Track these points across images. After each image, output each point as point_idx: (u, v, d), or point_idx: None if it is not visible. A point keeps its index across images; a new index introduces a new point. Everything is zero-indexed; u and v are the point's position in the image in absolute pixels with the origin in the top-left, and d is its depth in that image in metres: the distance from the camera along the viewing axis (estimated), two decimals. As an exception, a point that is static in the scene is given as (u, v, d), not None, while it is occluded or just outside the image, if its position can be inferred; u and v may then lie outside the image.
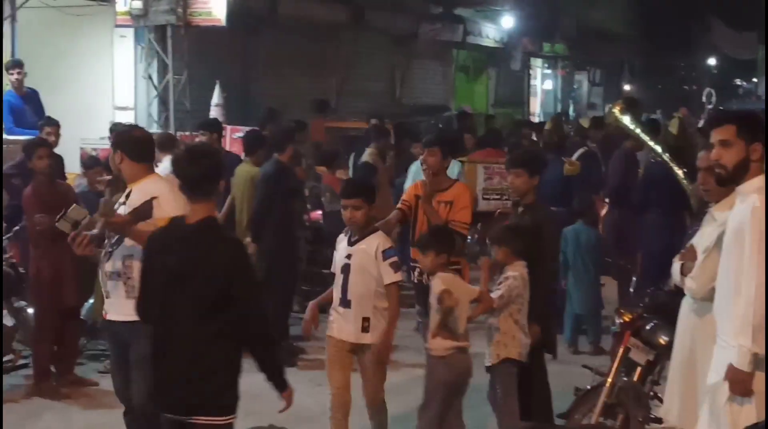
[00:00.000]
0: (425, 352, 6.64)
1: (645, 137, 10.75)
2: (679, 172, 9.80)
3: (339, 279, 6.42)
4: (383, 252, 6.28)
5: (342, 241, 6.52)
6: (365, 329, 6.31)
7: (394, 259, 6.34)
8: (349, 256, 6.36)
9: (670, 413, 5.69)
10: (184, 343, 4.79)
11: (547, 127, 17.17)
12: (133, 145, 6.16)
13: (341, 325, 6.41)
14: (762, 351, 4.59)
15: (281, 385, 5.04)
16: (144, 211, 5.88)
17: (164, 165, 9.46)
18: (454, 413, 6.43)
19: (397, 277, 6.36)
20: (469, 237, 11.42)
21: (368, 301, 6.30)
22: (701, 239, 5.48)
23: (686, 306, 5.60)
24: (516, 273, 6.53)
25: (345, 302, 6.37)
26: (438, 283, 6.29)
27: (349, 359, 6.46)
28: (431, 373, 6.44)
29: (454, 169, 10.84)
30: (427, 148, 7.48)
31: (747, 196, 4.74)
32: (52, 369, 8.32)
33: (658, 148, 10.50)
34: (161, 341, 4.91)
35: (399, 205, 7.56)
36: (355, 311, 6.33)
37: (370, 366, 6.38)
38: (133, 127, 6.62)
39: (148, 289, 4.99)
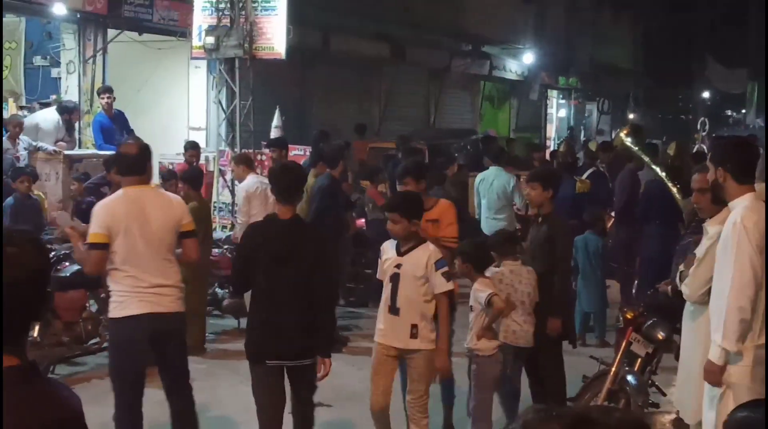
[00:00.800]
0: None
1: (646, 158, 10.71)
2: (674, 189, 9.75)
3: (387, 287, 5.90)
4: (435, 262, 5.79)
5: (390, 251, 5.95)
6: (414, 336, 5.83)
7: (446, 268, 5.88)
8: (398, 266, 5.83)
9: (677, 402, 5.74)
10: (287, 308, 5.42)
11: (561, 149, 17.13)
12: (116, 159, 6.08)
13: (389, 332, 5.90)
14: (731, 348, 4.58)
15: (325, 350, 5.52)
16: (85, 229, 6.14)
17: (247, 181, 9.47)
18: None
19: (449, 286, 5.81)
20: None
21: (416, 309, 5.82)
22: (698, 250, 5.45)
23: (686, 309, 5.57)
24: (497, 269, 6.49)
25: (394, 310, 5.85)
26: (483, 288, 6.12)
27: (394, 365, 6.02)
28: (482, 372, 6.20)
29: (511, 181, 10.79)
30: (399, 181, 6.78)
31: (733, 212, 4.73)
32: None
33: (657, 169, 10.44)
34: (266, 308, 5.49)
35: None
36: (403, 318, 5.82)
37: (419, 370, 5.91)
38: (123, 143, 5.87)
39: (247, 268, 5.58)
